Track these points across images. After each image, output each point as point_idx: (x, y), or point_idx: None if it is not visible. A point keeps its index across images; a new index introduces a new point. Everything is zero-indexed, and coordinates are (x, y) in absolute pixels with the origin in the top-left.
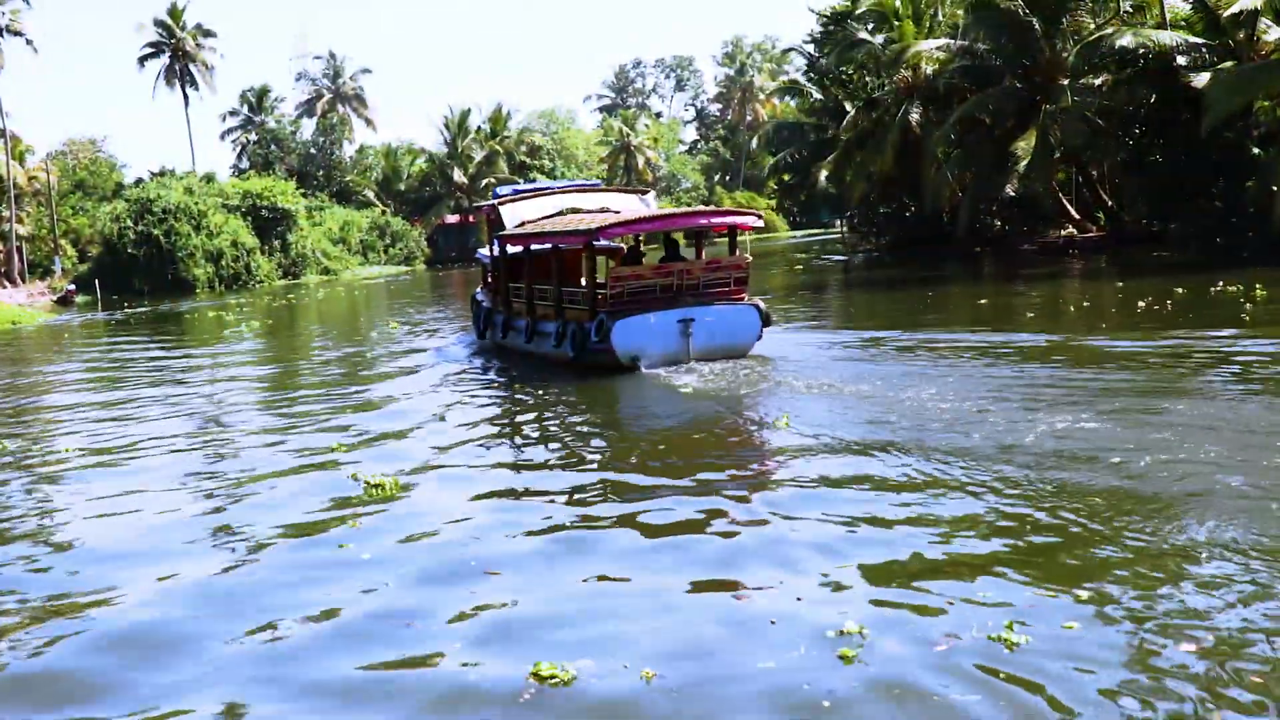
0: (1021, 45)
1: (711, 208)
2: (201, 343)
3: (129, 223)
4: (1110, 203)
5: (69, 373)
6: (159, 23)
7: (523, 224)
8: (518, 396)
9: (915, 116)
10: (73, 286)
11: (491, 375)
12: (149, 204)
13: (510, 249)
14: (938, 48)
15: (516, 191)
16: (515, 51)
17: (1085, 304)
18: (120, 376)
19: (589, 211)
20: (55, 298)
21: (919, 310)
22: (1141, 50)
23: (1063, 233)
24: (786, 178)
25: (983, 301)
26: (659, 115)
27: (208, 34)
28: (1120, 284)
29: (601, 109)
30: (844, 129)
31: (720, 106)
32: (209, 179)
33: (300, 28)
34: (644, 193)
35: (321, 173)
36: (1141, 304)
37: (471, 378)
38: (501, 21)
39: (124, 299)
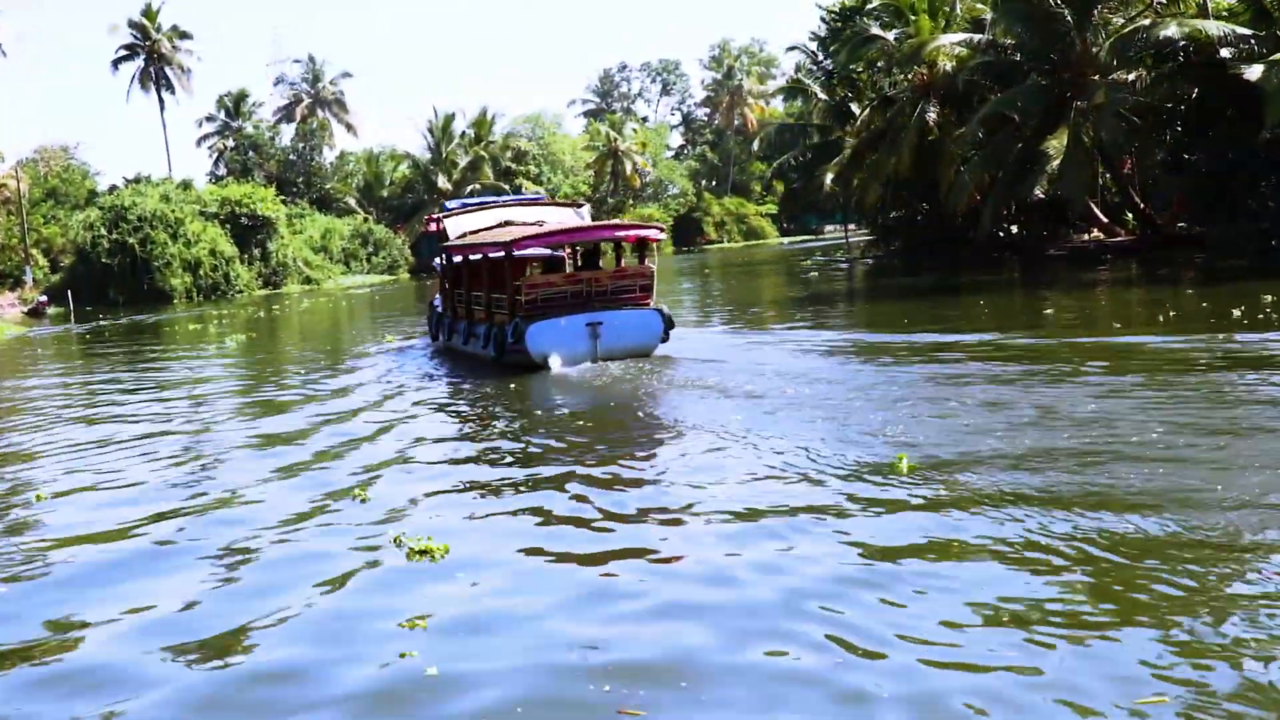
0: (1051, 39)
1: (621, 221)
2: (182, 359)
3: (103, 231)
4: (1143, 205)
5: (36, 398)
6: (133, 24)
7: (463, 235)
8: (491, 407)
9: (933, 116)
10: (44, 298)
11: (455, 381)
12: (123, 212)
13: (454, 258)
14: (958, 43)
15: (464, 205)
16: (499, 56)
17: (1172, 313)
18: (94, 402)
19: (525, 224)
20: (26, 309)
21: (988, 318)
22: (1184, 42)
23: (1087, 236)
24: (779, 185)
25: (1049, 311)
26: (645, 120)
27: (184, 35)
28: (1190, 291)
29: (586, 114)
30: (857, 129)
31: (708, 111)
32: (186, 186)
33: (276, 31)
34: (579, 206)
35: (301, 179)
36: (1237, 311)
37: (440, 385)
38: (485, 26)
39: (98, 310)
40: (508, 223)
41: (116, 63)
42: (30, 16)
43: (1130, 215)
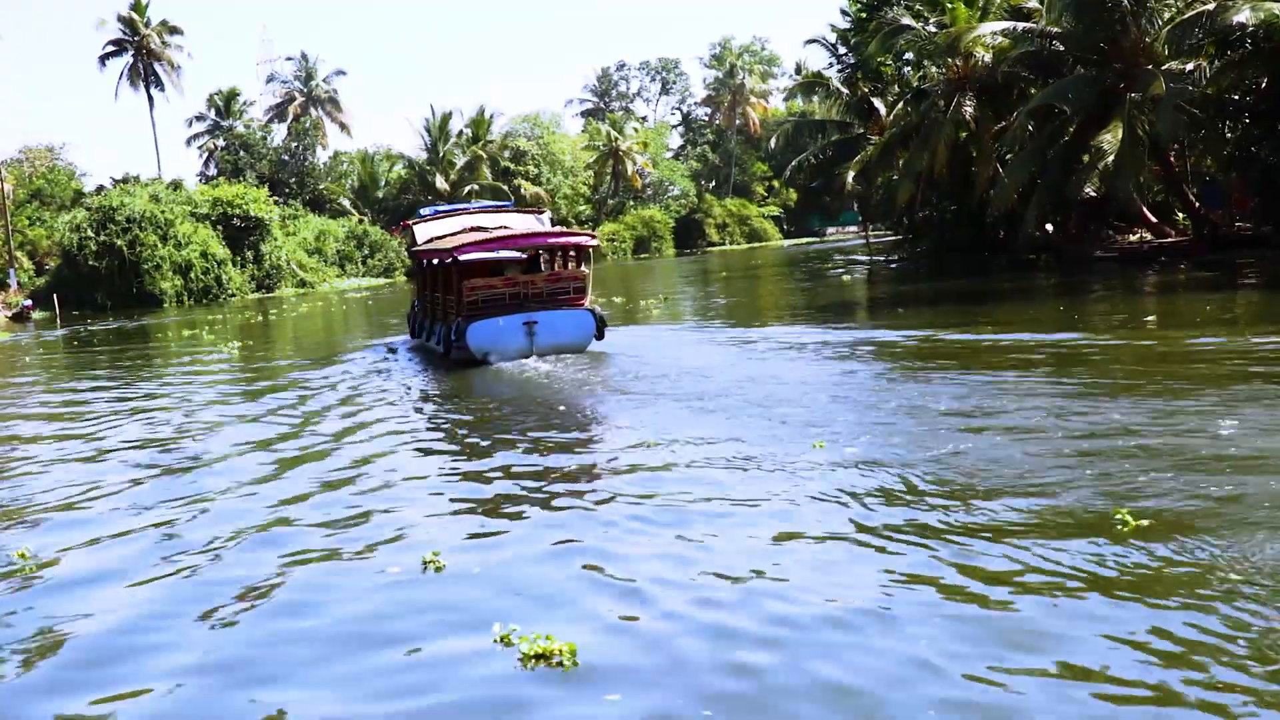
0: (1102, 26)
1: (558, 229)
2: (178, 372)
3: (90, 233)
4: (1197, 203)
5: (16, 426)
6: (122, 19)
7: (430, 240)
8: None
9: (969, 109)
10: (29, 302)
11: (446, 388)
12: (111, 213)
13: (422, 262)
14: (1001, 31)
15: (436, 211)
16: (496, 54)
17: None
18: (75, 432)
19: (488, 229)
20: (10, 314)
21: (1082, 324)
22: (1253, 28)
23: (1133, 237)
24: (780, 185)
25: (1150, 318)
26: (644, 119)
27: (174, 31)
28: None
29: (584, 113)
30: (884, 125)
31: (709, 110)
32: (176, 186)
33: (264, 31)
34: (540, 212)
35: (294, 180)
36: None
37: (443, 398)
38: (481, 24)
39: (85, 315)
40: (473, 228)
41: (104, 59)
42: (15, 14)
43: (1181, 214)
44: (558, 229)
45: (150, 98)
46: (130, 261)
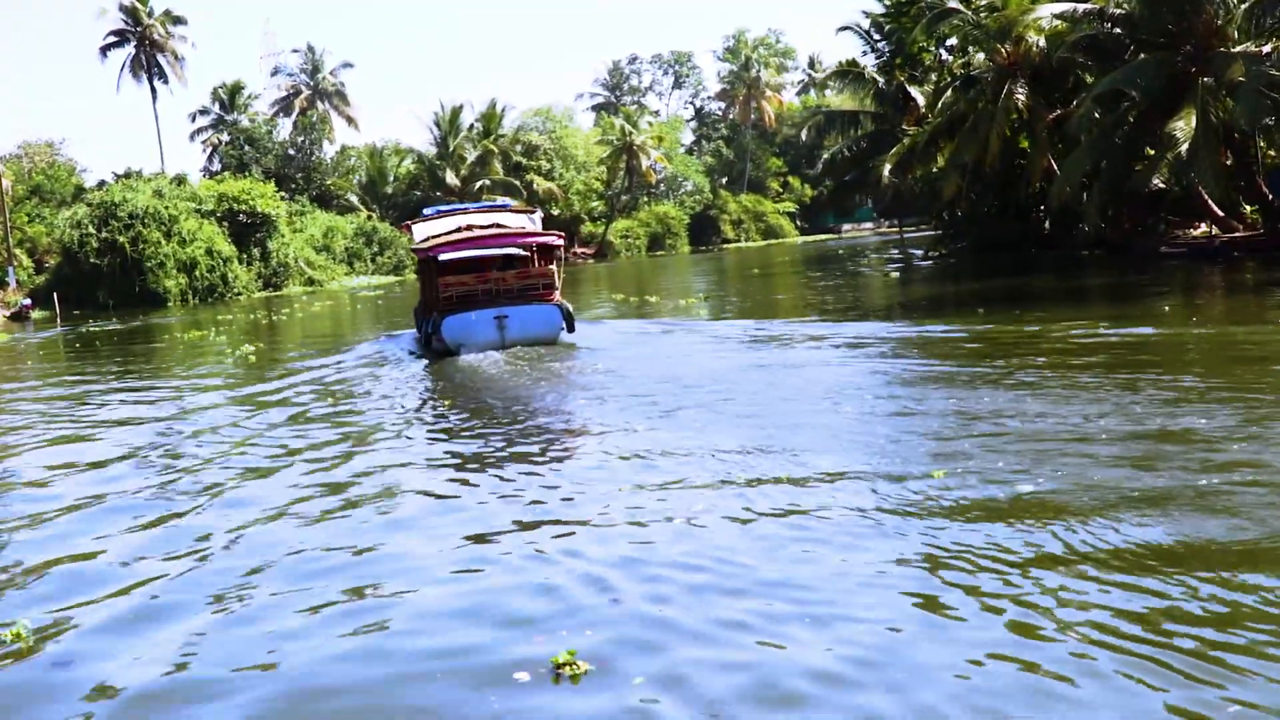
0: (1172, 6)
1: (531, 229)
2: (190, 379)
3: (91, 230)
4: (1271, 196)
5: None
6: (124, 8)
7: (425, 240)
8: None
9: (1022, 97)
10: (29, 301)
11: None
12: (113, 209)
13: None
14: (1059, 14)
15: (438, 210)
16: (505, 47)
17: None
18: (103, 499)
19: (481, 228)
20: (9, 314)
21: (1210, 322)
22: None
23: (1194, 231)
24: (796, 181)
25: None
26: (656, 113)
27: (177, 20)
28: None
29: (595, 107)
30: (922, 115)
31: (722, 104)
32: (180, 181)
33: (267, 24)
34: (531, 212)
35: (300, 175)
36: None
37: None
38: (490, 16)
39: (86, 314)
40: (465, 227)
41: (105, 50)
42: (13, 12)
43: (1249, 206)
44: (530, 229)
45: (153, 90)
46: (133, 259)
